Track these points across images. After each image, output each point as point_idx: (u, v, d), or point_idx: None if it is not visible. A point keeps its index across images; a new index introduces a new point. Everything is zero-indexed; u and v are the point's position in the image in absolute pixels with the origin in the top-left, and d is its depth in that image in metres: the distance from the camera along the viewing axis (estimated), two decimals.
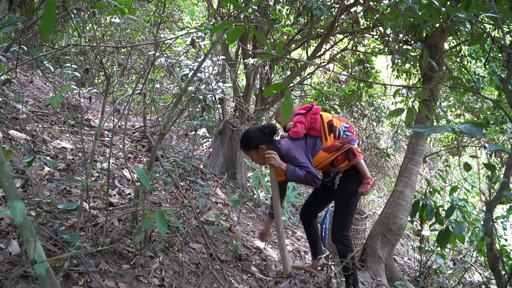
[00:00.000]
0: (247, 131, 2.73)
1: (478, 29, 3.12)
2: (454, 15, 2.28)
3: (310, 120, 2.61)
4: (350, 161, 2.56)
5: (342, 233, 2.61)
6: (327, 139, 2.58)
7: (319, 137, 2.60)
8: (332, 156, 2.55)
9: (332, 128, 2.59)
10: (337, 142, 2.55)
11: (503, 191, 0.92)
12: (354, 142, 2.58)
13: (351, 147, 2.56)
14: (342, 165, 2.58)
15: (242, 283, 2.43)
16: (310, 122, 2.61)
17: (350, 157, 2.56)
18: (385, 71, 6.99)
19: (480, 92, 1.76)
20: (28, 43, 5.17)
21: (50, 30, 1.26)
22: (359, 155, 2.57)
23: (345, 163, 2.58)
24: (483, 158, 8.56)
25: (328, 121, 2.61)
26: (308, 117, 2.61)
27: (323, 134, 2.59)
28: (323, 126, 2.60)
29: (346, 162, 2.57)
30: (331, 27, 5.20)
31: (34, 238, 1.17)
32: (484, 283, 3.62)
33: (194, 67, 3.99)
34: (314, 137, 2.61)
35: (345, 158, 2.57)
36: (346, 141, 2.55)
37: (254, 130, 2.67)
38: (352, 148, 2.56)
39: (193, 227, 2.81)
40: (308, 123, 2.60)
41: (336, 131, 2.59)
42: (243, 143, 2.69)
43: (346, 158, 2.57)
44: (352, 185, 2.62)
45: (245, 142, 2.67)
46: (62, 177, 2.62)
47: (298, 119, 2.60)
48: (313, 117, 2.61)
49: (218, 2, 5.50)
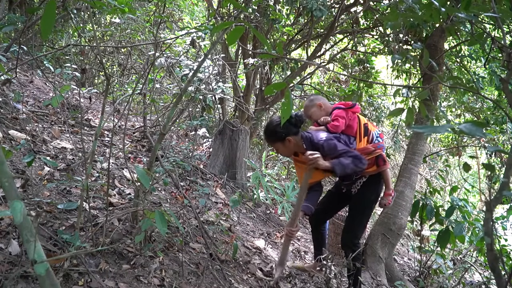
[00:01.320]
0: (272, 121, 2.52)
1: (478, 29, 3.12)
2: (454, 15, 2.28)
3: (349, 117, 2.53)
4: (379, 167, 2.51)
5: (354, 241, 2.55)
6: (361, 140, 2.51)
7: (353, 137, 2.52)
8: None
9: (367, 131, 2.54)
10: (370, 146, 2.50)
11: (503, 191, 0.92)
12: (384, 149, 2.55)
13: (381, 154, 2.52)
14: (370, 169, 2.50)
15: (242, 283, 2.43)
16: (349, 119, 2.53)
17: (380, 163, 2.51)
18: (385, 71, 6.99)
19: (480, 92, 1.76)
20: (28, 43, 5.17)
21: (50, 30, 1.26)
22: (387, 162, 2.55)
23: (373, 168, 2.51)
24: (483, 158, 8.57)
25: (365, 124, 2.55)
26: (349, 113, 2.53)
27: (358, 135, 2.52)
28: (359, 127, 2.53)
29: (375, 167, 2.51)
30: (331, 27, 5.20)
31: (34, 238, 1.17)
32: (484, 283, 3.62)
33: (194, 67, 3.98)
34: (348, 136, 2.52)
35: (374, 163, 2.51)
36: (379, 146, 2.51)
37: (279, 121, 2.44)
38: (382, 155, 2.53)
39: (193, 227, 2.81)
40: (347, 120, 2.52)
41: (370, 135, 2.54)
42: (268, 135, 2.52)
43: (376, 163, 2.51)
44: (370, 194, 2.56)
45: (270, 133, 2.49)
46: (62, 177, 2.61)
47: (340, 114, 2.50)
48: (353, 115, 2.55)
49: (218, 2, 5.50)
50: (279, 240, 3.63)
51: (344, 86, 7.05)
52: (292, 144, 2.47)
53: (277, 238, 3.66)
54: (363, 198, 2.56)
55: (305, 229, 4.39)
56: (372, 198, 2.57)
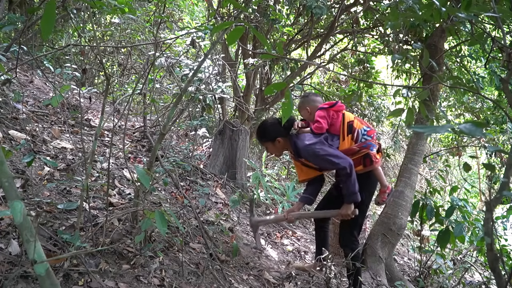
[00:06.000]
0: (264, 123, 2.70)
1: (478, 29, 3.12)
2: (454, 15, 2.28)
3: (332, 116, 2.54)
4: (365, 166, 2.49)
5: (351, 239, 2.56)
6: (344, 139, 2.50)
7: (336, 136, 2.52)
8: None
9: (351, 129, 2.51)
10: (355, 146, 2.48)
11: (503, 191, 0.92)
12: (372, 147, 2.50)
13: (368, 153, 2.48)
14: (356, 169, 2.46)
15: (242, 283, 2.43)
16: (332, 118, 2.53)
17: (367, 162, 2.48)
18: (385, 71, 6.99)
19: (480, 92, 1.76)
20: (28, 43, 5.17)
21: (50, 30, 1.26)
22: (376, 161, 2.49)
23: (360, 168, 2.49)
24: (483, 158, 8.57)
25: (349, 122, 2.53)
26: (331, 112, 2.54)
27: (341, 134, 2.51)
28: (342, 125, 2.52)
29: (361, 167, 2.49)
30: (331, 27, 5.20)
31: (34, 238, 1.17)
32: (484, 283, 3.62)
33: (194, 67, 3.98)
34: (331, 134, 2.53)
35: (360, 163, 2.49)
36: (364, 145, 2.48)
37: (272, 123, 2.63)
38: (370, 154, 2.48)
39: (193, 227, 2.81)
40: (329, 118, 2.53)
41: (355, 133, 2.51)
42: (259, 135, 2.66)
43: (362, 163, 2.49)
44: (362, 191, 2.52)
45: (261, 133, 2.65)
46: (62, 177, 2.61)
47: (320, 114, 2.53)
48: (335, 113, 2.55)
49: (218, 2, 5.50)
50: (279, 240, 3.63)
51: (344, 86, 7.05)
52: (281, 145, 2.62)
53: (277, 238, 3.66)
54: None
55: (305, 229, 4.39)
56: (365, 195, 2.55)
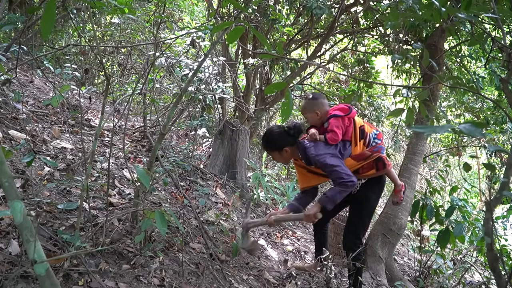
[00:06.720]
0: (271, 131, 2.58)
1: (478, 29, 3.12)
2: (454, 15, 2.28)
3: (345, 124, 2.48)
4: (378, 170, 2.47)
5: (355, 241, 2.54)
6: (356, 144, 2.47)
7: (348, 141, 2.47)
8: (360, 164, 2.44)
9: (363, 134, 2.49)
10: (367, 151, 2.46)
11: (503, 191, 0.92)
12: (383, 150, 2.49)
13: (380, 156, 2.47)
14: (368, 173, 2.47)
15: (242, 283, 2.43)
16: (345, 126, 2.48)
17: (380, 166, 2.46)
18: (385, 71, 6.99)
19: (480, 92, 1.76)
20: (28, 43, 5.17)
21: (50, 30, 1.26)
22: (389, 164, 2.49)
23: (372, 171, 2.47)
24: (483, 158, 8.57)
25: (360, 126, 2.50)
26: (345, 120, 2.48)
27: (353, 139, 2.47)
28: (354, 131, 2.48)
29: (373, 171, 2.47)
30: (331, 27, 5.20)
31: (34, 238, 1.17)
32: (484, 283, 3.62)
33: (194, 67, 3.98)
34: (343, 141, 2.47)
35: (372, 166, 2.47)
36: (376, 149, 2.46)
37: (279, 132, 2.51)
38: (382, 157, 2.47)
39: (193, 227, 2.81)
40: (344, 127, 2.47)
41: (366, 137, 2.48)
42: (265, 144, 2.58)
43: (375, 166, 2.47)
44: (372, 193, 2.53)
45: (268, 143, 2.56)
46: (62, 177, 2.61)
47: (335, 123, 2.44)
48: (348, 120, 2.49)
49: (218, 2, 5.50)
50: (279, 240, 3.63)
51: (344, 86, 7.05)
52: (289, 154, 2.53)
53: (277, 238, 3.66)
54: (363, 199, 2.54)
55: (305, 229, 4.39)
56: (373, 198, 2.55)
